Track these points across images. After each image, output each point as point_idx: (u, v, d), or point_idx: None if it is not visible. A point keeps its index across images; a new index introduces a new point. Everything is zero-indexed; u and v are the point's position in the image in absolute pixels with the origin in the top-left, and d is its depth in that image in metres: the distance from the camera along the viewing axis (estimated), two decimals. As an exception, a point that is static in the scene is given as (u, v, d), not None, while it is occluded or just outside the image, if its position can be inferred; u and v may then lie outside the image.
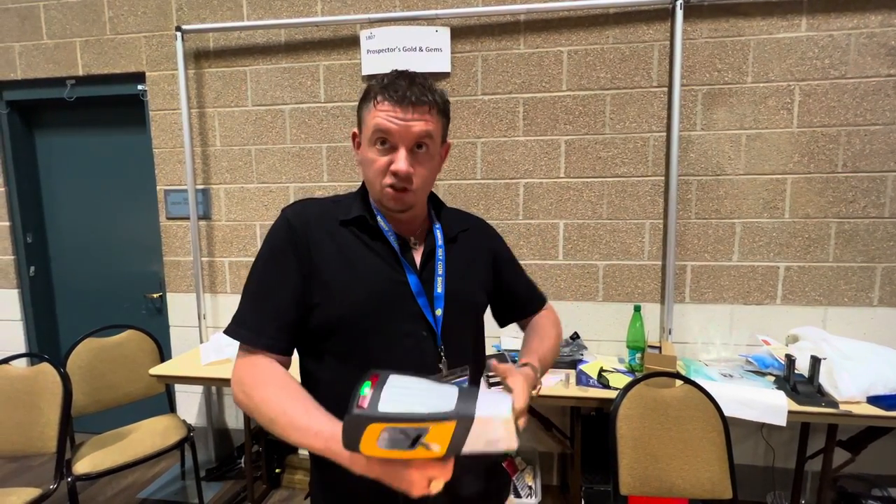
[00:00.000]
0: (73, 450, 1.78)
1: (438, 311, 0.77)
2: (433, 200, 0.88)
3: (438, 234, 0.83)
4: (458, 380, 0.77)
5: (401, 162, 0.72)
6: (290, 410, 0.65)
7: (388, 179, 0.74)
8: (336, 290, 0.74)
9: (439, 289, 0.78)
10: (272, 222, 0.82)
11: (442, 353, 0.76)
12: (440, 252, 0.81)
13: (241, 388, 0.71)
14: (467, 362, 0.80)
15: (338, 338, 0.74)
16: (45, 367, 1.71)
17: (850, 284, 1.86)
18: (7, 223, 2.44)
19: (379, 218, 0.80)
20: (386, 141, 0.73)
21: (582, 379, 1.69)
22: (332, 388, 0.75)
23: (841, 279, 1.87)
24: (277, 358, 0.73)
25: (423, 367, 0.74)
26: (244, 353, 0.74)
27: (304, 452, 2.14)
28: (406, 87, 0.72)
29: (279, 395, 0.67)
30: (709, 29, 1.85)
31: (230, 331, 0.75)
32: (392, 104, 0.71)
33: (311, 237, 0.76)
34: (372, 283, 0.75)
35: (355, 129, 0.81)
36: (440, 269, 0.79)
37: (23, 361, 1.90)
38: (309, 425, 0.63)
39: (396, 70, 0.76)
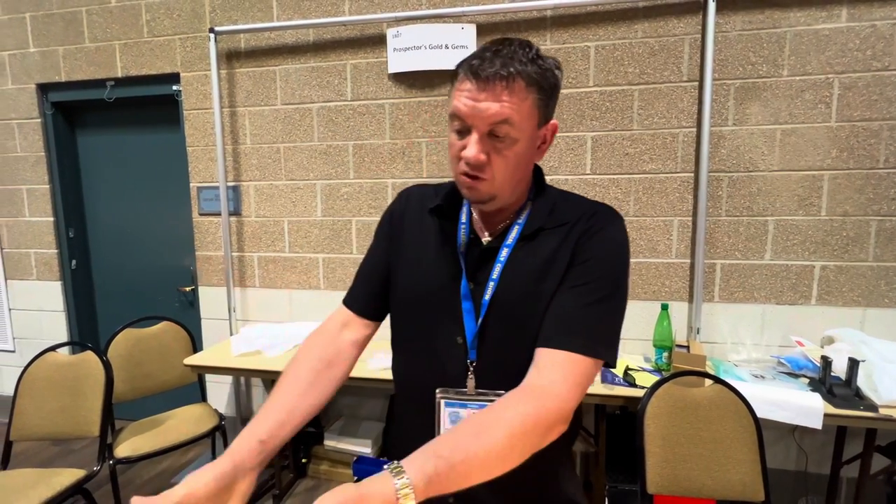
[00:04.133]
0: (113, 435, 1.87)
1: (480, 321, 0.68)
2: (539, 187, 0.74)
3: (514, 231, 0.70)
4: (487, 402, 0.67)
5: (470, 147, 0.63)
6: (273, 394, 0.72)
7: (462, 166, 0.65)
8: (400, 276, 0.77)
9: (487, 295, 0.68)
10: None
11: (471, 369, 0.68)
12: (503, 253, 0.69)
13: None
14: (509, 388, 0.63)
15: (397, 323, 0.78)
16: (89, 356, 1.79)
17: (892, 285, 1.79)
18: (51, 218, 2.57)
19: (463, 209, 0.74)
20: (461, 123, 0.65)
21: (607, 377, 1.68)
22: (394, 371, 0.81)
23: (881, 279, 1.80)
24: (352, 316, 0.81)
25: (448, 376, 0.69)
26: (338, 308, 0.83)
27: (329, 443, 2.19)
28: (486, 59, 0.61)
29: (282, 381, 0.74)
30: (742, 21, 1.80)
31: None
32: (469, 82, 0.62)
33: (404, 221, 0.79)
34: (428, 275, 0.73)
35: None
36: (495, 273, 0.68)
37: (65, 350, 2.00)
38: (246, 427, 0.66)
39: (495, 39, 0.65)
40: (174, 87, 2.35)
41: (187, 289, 2.54)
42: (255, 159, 2.30)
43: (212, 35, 2.18)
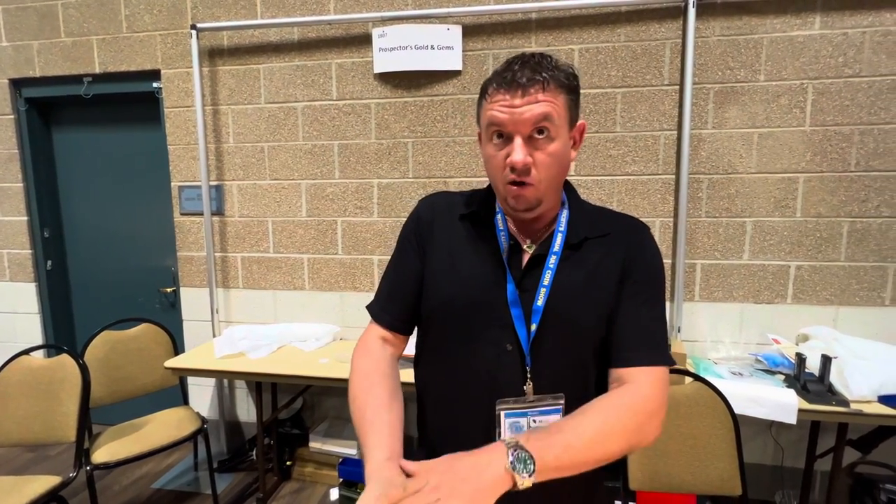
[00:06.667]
0: (90, 440, 1.82)
1: (533, 327, 0.69)
2: (571, 197, 0.77)
3: (558, 239, 0.72)
4: (548, 408, 0.69)
5: (516, 152, 0.64)
6: (368, 415, 0.69)
7: (507, 174, 0.67)
8: (433, 283, 0.76)
9: (539, 301, 0.69)
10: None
11: (528, 375, 0.69)
12: (552, 260, 0.71)
13: (353, 359, 0.79)
14: (566, 393, 0.70)
15: (430, 331, 0.77)
16: (65, 359, 1.74)
17: (862, 284, 1.85)
18: (25, 218, 2.49)
19: (498, 216, 0.75)
20: (502, 133, 0.66)
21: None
22: (422, 383, 0.79)
23: (853, 279, 1.86)
24: (391, 335, 0.80)
25: (500, 384, 0.69)
26: (370, 324, 0.83)
27: (314, 445, 2.17)
28: (517, 70, 0.65)
29: (367, 393, 0.72)
30: (721, 27, 1.84)
31: (369, 305, 0.84)
32: (503, 92, 0.65)
33: (433, 229, 0.78)
34: (467, 282, 0.72)
35: (479, 130, 0.75)
36: (546, 280, 0.70)
37: (40, 353, 1.94)
38: (367, 443, 0.66)
39: (514, 56, 0.68)
40: (154, 84, 2.30)
41: (168, 290, 2.49)
42: (239, 158, 2.27)
43: (193, 32, 2.15)
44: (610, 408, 0.63)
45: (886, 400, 1.47)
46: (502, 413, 0.68)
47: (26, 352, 1.78)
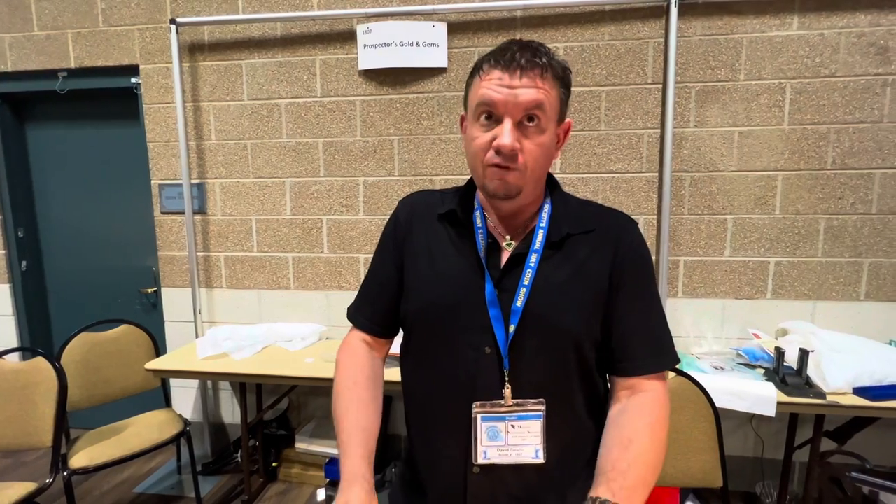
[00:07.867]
0: (68, 444, 1.78)
1: (511, 328, 0.66)
2: (554, 191, 0.74)
3: (539, 235, 0.69)
4: (528, 413, 0.67)
5: (505, 135, 0.61)
6: (345, 421, 0.71)
7: (491, 156, 0.63)
8: (413, 286, 0.74)
9: (518, 302, 0.66)
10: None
11: (507, 378, 0.66)
12: (533, 258, 0.67)
13: (338, 358, 0.79)
14: (547, 397, 0.67)
15: (412, 334, 0.76)
16: (40, 362, 1.69)
17: (838, 279, 1.90)
18: (-2, 217, 2.42)
19: (477, 213, 0.72)
20: (491, 114, 0.63)
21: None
22: (406, 385, 0.78)
23: (829, 274, 1.91)
24: (369, 338, 0.80)
25: (478, 388, 0.67)
26: (351, 328, 0.82)
27: (300, 446, 2.15)
28: (516, 51, 0.62)
29: (349, 397, 0.74)
30: (703, 27, 1.87)
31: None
32: (499, 71, 0.62)
33: (411, 230, 0.76)
34: (446, 283, 0.70)
35: (463, 113, 0.72)
36: (526, 279, 0.67)
37: (15, 356, 1.88)
38: (344, 447, 0.68)
39: (511, 39, 0.67)
40: (133, 80, 2.25)
41: (149, 290, 2.44)
42: (221, 156, 2.23)
43: (173, 26, 2.10)
44: (652, 429, 0.65)
45: (861, 391, 1.51)
46: (479, 417, 0.67)
47: (0, 355, 1.73)
